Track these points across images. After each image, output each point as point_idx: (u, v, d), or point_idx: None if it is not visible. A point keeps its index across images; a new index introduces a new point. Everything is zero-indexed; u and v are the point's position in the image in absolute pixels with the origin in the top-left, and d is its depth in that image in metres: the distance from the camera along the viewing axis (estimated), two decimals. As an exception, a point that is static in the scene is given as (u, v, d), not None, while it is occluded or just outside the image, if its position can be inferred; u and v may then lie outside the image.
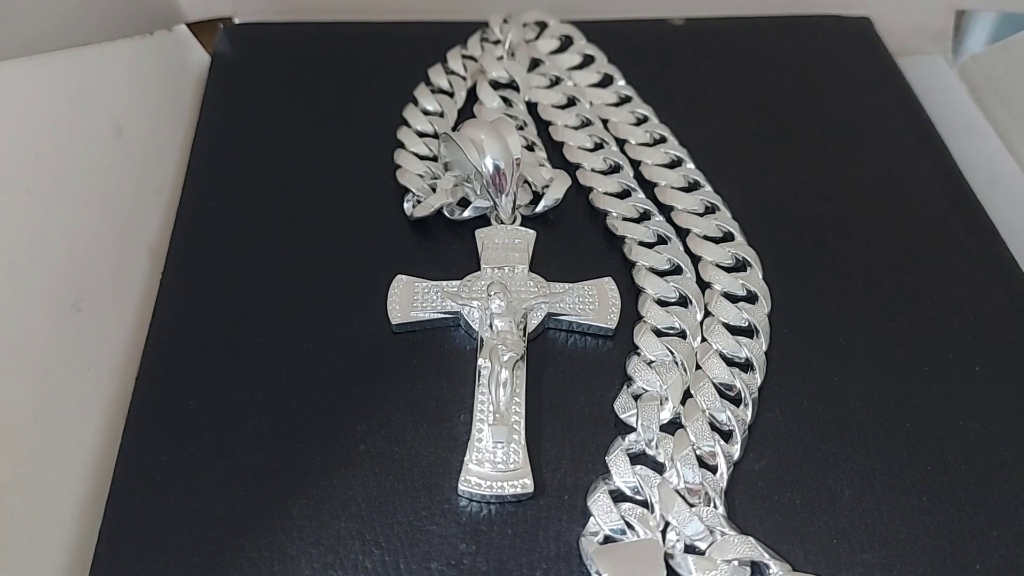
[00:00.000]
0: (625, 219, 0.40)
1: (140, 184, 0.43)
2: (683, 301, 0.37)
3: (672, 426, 0.33)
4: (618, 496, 0.31)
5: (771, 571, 0.29)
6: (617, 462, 0.32)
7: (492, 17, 0.49)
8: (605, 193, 0.41)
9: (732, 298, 0.37)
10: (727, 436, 0.33)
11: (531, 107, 0.46)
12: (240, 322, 0.37)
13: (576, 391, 0.35)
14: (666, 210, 0.41)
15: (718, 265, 0.38)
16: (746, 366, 0.35)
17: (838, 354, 0.36)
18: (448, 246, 0.40)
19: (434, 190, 0.40)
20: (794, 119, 0.46)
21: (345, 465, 0.33)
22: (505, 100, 0.46)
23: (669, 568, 0.29)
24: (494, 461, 0.32)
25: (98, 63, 0.42)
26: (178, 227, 0.41)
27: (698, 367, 0.35)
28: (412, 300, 0.37)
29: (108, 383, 0.37)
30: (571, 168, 0.43)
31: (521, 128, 0.44)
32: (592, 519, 0.31)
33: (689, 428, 0.33)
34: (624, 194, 0.41)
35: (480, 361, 0.34)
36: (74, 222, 0.38)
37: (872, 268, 0.39)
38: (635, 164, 0.43)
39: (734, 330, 0.36)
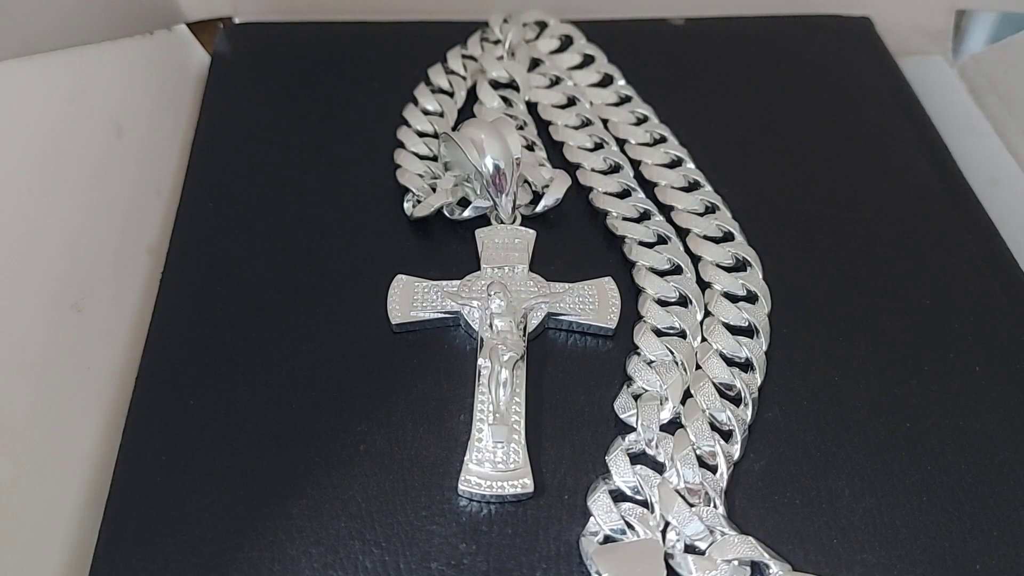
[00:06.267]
0: (625, 219, 0.40)
1: (140, 184, 0.43)
2: (683, 301, 0.37)
3: (672, 426, 0.33)
4: (618, 496, 0.31)
5: (771, 571, 0.29)
6: (617, 462, 0.32)
7: (492, 17, 0.49)
8: (605, 193, 0.41)
9: (732, 298, 0.37)
10: (727, 436, 0.33)
11: (531, 107, 0.46)
12: (240, 322, 0.37)
13: (576, 391, 0.35)
14: (666, 210, 0.41)
15: (718, 265, 0.38)
16: (746, 366, 0.35)
17: (838, 354, 0.36)
18: (448, 246, 0.40)
19: (434, 190, 0.41)
20: (794, 119, 0.46)
21: (345, 465, 0.33)
22: (505, 100, 0.46)
23: (669, 568, 0.29)
24: (494, 461, 0.32)
25: (98, 63, 0.42)
26: (178, 227, 0.41)
27: (698, 367, 0.35)
28: (412, 300, 0.37)
29: (108, 383, 0.37)
30: (571, 168, 0.43)
31: (521, 128, 0.44)
32: (592, 519, 0.31)
33: (689, 428, 0.33)
34: (624, 194, 0.41)
35: (480, 361, 0.34)
36: (74, 222, 0.38)
37: (872, 268, 0.39)
38: (635, 164, 0.43)
39: (734, 330, 0.36)
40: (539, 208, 0.40)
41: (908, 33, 0.54)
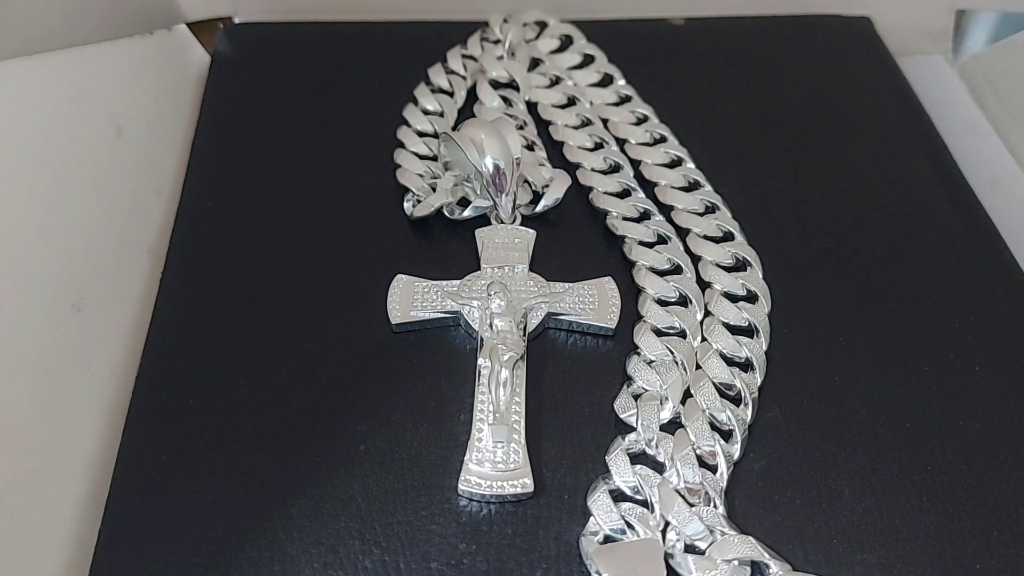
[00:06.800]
0: (625, 219, 0.40)
1: (140, 184, 0.43)
2: (683, 301, 0.37)
3: (672, 426, 0.33)
4: (618, 496, 0.31)
5: (771, 571, 0.29)
6: (617, 462, 0.32)
7: (492, 17, 0.49)
8: (605, 193, 0.41)
9: (732, 298, 0.37)
10: (727, 436, 0.33)
11: (531, 107, 0.46)
12: (240, 322, 0.37)
13: (576, 391, 0.35)
14: (666, 210, 0.41)
15: (718, 265, 0.38)
16: (746, 366, 0.35)
17: (838, 354, 0.36)
18: (448, 246, 0.40)
19: (434, 190, 0.41)
20: (794, 119, 0.46)
21: (345, 465, 0.33)
22: (505, 100, 0.46)
23: (669, 568, 0.29)
24: (494, 461, 0.32)
25: (98, 63, 0.42)
26: (178, 227, 0.41)
27: (698, 367, 0.35)
28: (412, 300, 0.37)
29: (108, 383, 0.37)
30: (571, 168, 0.43)
31: (521, 128, 0.44)
32: (592, 519, 0.31)
33: (689, 428, 0.33)
34: (624, 194, 0.41)
35: (480, 361, 0.34)
36: (74, 222, 0.37)
37: (872, 268, 0.39)
38: (635, 164, 0.43)
39: (734, 330, 0.36)
40: (539, 208, 0.40)
41: (908, 33, 0.54)
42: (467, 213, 0.40)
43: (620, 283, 0.37)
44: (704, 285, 0.38)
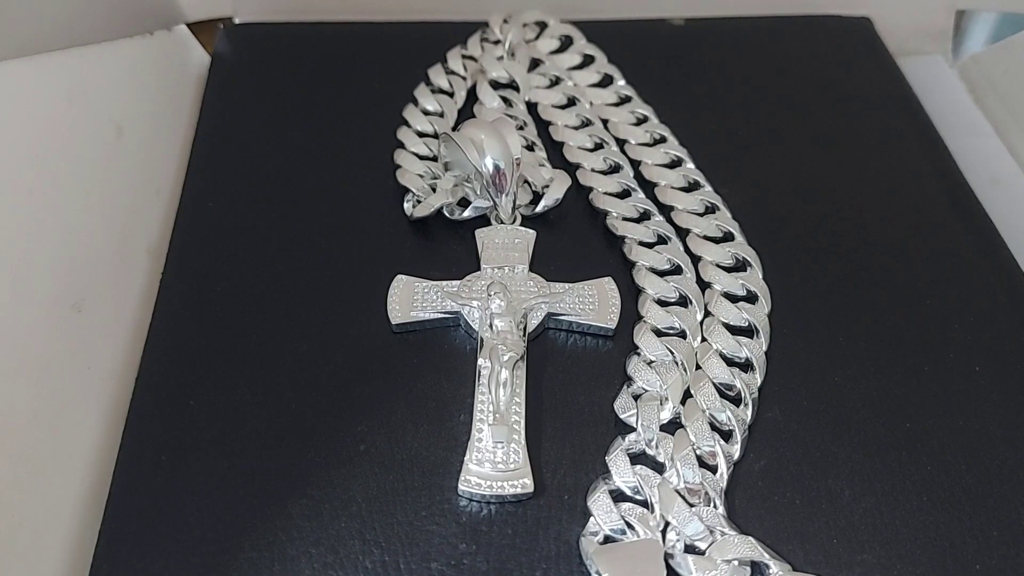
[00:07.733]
0: (625, 219, 0.40)
1: (140, 184, 0.43)
2: (683, 301, 0.37)
3: (672, 426, 0.33)
4: (618, 496, 0.31)
5: (771, 571, 0.29)
6: (617, 462, 0.32)
7: (492, 17, 0.49)
8: (605, 193, 0.41)
9: (732, 298, 0.37)
10: (727, 436, 0.33)
11: (531, 107, 0.46)
12: (240, 322, 0.37)
13: (576, 391, 0.35)
14: (666, 210, 0.41)
15: (718, 265, 0.38)
16: (746, 366, 0.35)
17: (838, 354, 0.36)
18: (448, 246, 0.40)
19: (434, 190, 0.41)
20: (794, 119, 0.46)
21: (345, 465, 0.33)
22: (505, 100, 0.46)
23: (669, 568, 0.29)
24: (494, 461, 0.32)
25: (98, 63, 0.42)
26: (178, 227, 0.41)
27: (698, 367, 0.35)
28: (412, 300, 0.37)
29: (108, 383, 0.37)
30: (571, 168, 0.43)
31: (521, 128, 0.44)
32: (592, 519, 0.31)
33: (689, 428, 0.33)
34: (624, 194, 0.41)
35: (480, 361, 0.34)
36: (74, 222, 0.38)
37: (872, 268, 0.39)
38: (635, 164, 0.43)
39: (734, 330, 0.36)
40: (539, 208, 0.40)
41: (908, 33, 0.54)
42: (467, 213, 0.40)
43: (620, 283, 0.37)
44: (704, 285, 0.38)
